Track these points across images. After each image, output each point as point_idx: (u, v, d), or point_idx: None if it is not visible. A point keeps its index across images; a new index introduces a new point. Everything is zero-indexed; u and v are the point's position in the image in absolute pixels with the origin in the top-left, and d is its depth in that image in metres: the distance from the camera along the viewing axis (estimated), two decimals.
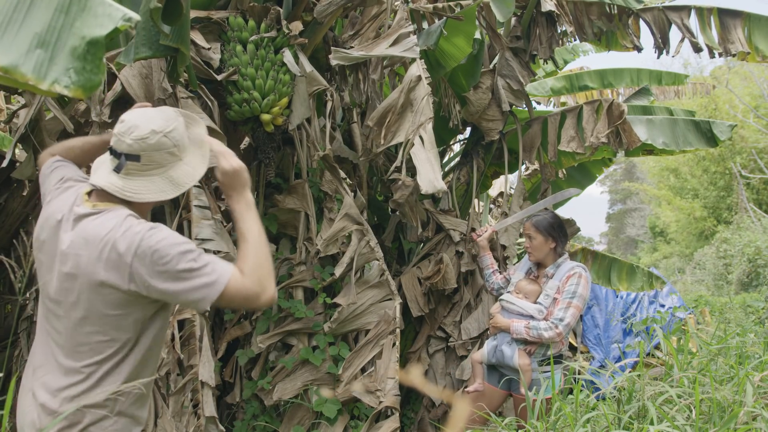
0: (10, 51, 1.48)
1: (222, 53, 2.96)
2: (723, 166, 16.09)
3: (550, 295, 2.95)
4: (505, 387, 3.02)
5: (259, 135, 3.15)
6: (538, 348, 2.91)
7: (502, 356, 2.95)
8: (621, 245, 30.72)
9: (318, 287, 3.27)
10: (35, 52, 1.50)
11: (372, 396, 2.96)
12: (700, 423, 1.66)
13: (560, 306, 2.88)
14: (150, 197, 1.53)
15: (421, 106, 2.89)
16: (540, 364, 2.91)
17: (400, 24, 3.06)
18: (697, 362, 2.15)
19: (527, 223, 3.14)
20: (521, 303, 2.99)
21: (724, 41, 4.16)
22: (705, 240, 16.70)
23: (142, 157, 1.50)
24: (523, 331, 2.88)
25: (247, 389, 3.25)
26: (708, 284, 12.03)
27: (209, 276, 1.42)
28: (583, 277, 2.93)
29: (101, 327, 1.48)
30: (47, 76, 1.50)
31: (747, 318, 5.91)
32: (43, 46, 1.51)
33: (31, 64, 1.49)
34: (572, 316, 2.85)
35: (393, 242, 4.43)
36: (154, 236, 1.43)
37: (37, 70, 1.49)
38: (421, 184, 2.71)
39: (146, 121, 1.51)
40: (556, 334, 2.83)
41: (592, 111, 4.10)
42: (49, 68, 1.50)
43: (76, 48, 1.54)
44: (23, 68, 1.48)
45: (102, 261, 1.44)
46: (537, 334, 2.85)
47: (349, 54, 2.98)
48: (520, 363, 2.87)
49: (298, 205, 3.37)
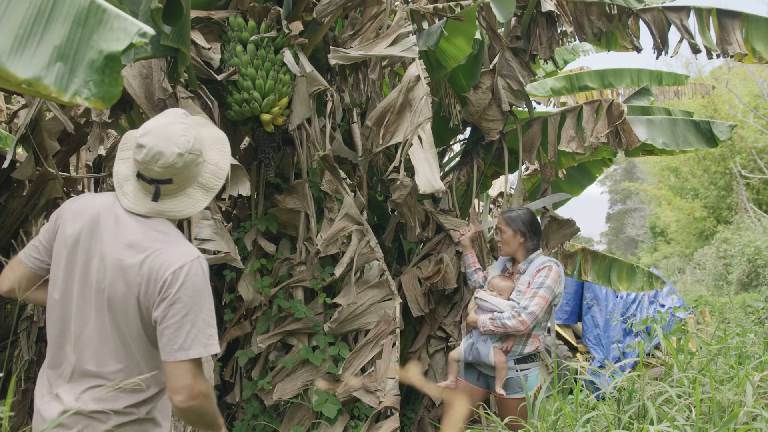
0: (32, 64, 1.54)
1: (222, 53, 2.96)
2: (723, 166, 16.09)
3: (521, 290, 2.96)
4: (484, 385, 3.04)
5: (259, 135, 3.15)
6: (515, 346, 2.91)
7: (478, 354, 2.97)
8: (621, 245, 30.73)
9: (318, 287, 3.27)
10: (56, 65, 1.56)
11: (372, 396, 2.96)
12: (700, 423, 1.66)
13: (527, 296, 2.90)
14: (189, 212, 1.58)
15: (420, 106, 2.89)
16: (516, 362, 2.91)
17: (399, 24, 3.06)
18: (696, 362, 2.15)
19: (499, 217, 3.18)
20: (494, 300, 3.00)
21: (722, 42, 4.17)
22: (705, 240, 16.70)
23: (174, 179, 1.54)
24: (489, 323, 2.90)
25: (247, 389, 3.25)
26: (708, 284, 12.03)
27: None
28: (553, 270, 2.94)
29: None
30: (68, 89, 1.54)
31: (747, 318, 5.91)
32: (63, 59, 1.57)
33: (52, 76, 1.54)
34: (537, 306, 2.84)
35: (393, 242, 4.43)
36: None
37: (59, 83, 1.54)
38: (420, 184, 2.71)
39: (168, 145, 1.52)
40: (518, 321, 2.83)
41: (592, 111, 4.10)
42: (69, 81, 1.55)
43: (95, 61, 1.60)
44: (46, 81, 1.53)
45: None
46: (501, 323, 2.86)
47: (348, 54, 2.98)
48: (495, 360, 2.89)
49: (298, 205, 3.37)
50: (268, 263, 3.37)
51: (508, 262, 3.22)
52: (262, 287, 3.28)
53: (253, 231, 3.36)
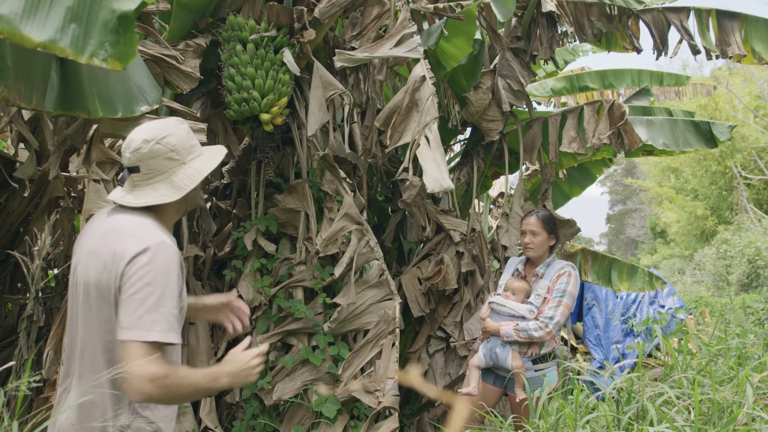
0: (46, 26, 1.55)
1: (221, 52, 2.97)
2: (723, 166, 16.07)
3: (541, 294, 2.95)
4: (500, 385, 3.03)
5: (259, 134, 3.15)
6: (533, 349, 2.92)
7: (497, 358, 2.95)
8: (621, 246, 30.71)
9: (318, 287, 3.27)
10: (70, 26, 1.58)
11: (371, 396, 2.96)
12: (699, 424, 1.65)
13: (551, 305, 2.90)
14: (150, 201, 1.56)
15: (426, 106, 2.91)
16: (534, 363, 2.92)
17: (404, 24, 3.07)
18: (696, 363, 2.15)
19: (531, 218, 3.09)
20: (511, 304, 2.98)
21: (721, 43, 4.17)
22: (705, 241, 16.68)
23: (141, 167, 1.55)
24: (513, 333, 2.89)
25: (247, 389, 3.25)
26: (708, 285, 12.02)
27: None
28: (572, 275, 2.96)
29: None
30: (85, 50, 1.57)
31: (747, 319, 5.91)
32: (77, 21, 1.59)
33: (68, 39, 1.57)
34: (562, 315, 2.87)
35: (393, 242, 4.43)
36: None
37: (75, 44, 1.56)
38: (428, 184, 2.74)
39: (140, 133, 1.56)
40: (546, 333, 2.85)
41: (593, 112, 4.10)
42: (85, 42, 1.57)
43: (108, 22, 1.62)
44: (62, 43, 1.56)
45: None
46: (527, 335, 2.86)
47: (354, 56, 2.98)
48: (513, 365, 2.88)
49: (298, 205, 3.37)
50: (268, 263, 3.38)
51: (519, 264, 3.18)
52: (262, 287, 3.28)
53: (253, 231, 3.36)
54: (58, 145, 2.84)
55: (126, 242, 1.47)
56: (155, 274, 1.44)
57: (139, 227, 1.52)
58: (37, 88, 1.99)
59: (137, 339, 1.39)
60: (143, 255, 1.44)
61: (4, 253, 3.54)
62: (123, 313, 1.42)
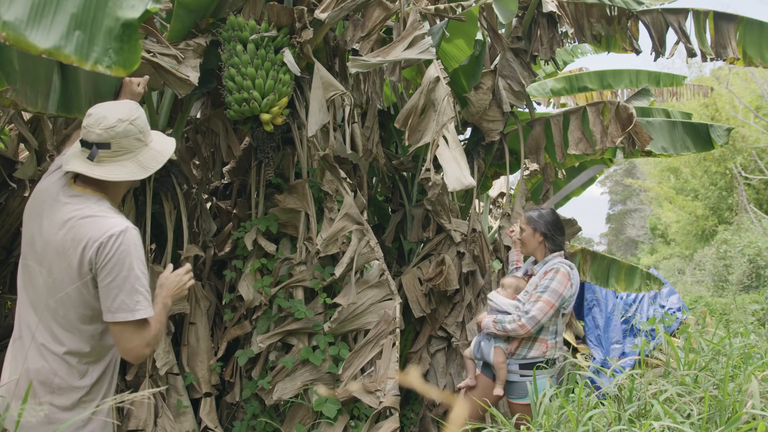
0: (51, 33, 1.56)
1: (222, 52, 2.97)
2: (723, 166, 16.07)
3: (529, 291, 2.91)
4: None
5: (259, 135, 3.15)
6: (520, 349, 2.87)
7: (482, 352, 2.97)
8: (621, 246, 30.70)
9: (318, 287, 3.26)
10: (75, 33, 1.60)
11: (372, 396, 2.95)
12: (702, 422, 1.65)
13: (530, 299, 2.85)
14: (122, 177, 1.67)
15: (443, 106, 2.94)
16: (521, 368, 2.87)
17: (414, 26, 3.07)
18: (698, 361, 2.15)
19: (522, 215, 3.17)
20: (498, 299, 2.99)
21: (717, 46, 4.19)
22: (705, 241, 16.68)
23: (112, 144, 1.63)
24: (491, 325, 2.89)
25: (247, 389, 3.24)
26: (708, 285, 12.01)
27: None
28: (560, 272, 2.84)
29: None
30: (89, 57, 1.60)
31: (747, 319, 5.90)
32: (81, 28, 1.61)
33: (72, 46, 1.59)
34: (539, 310, 2.77)
35: (393, 242, 4.43)
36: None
37: (79, 51, 1.58)
38: (449, 183, 2.78)
39: (112, 112, 1.64)
40: (518, 326, 2.78)
41: (597, 113, 4.08)
42: (90, 49, 1.60)
43: (112, 29, 1.64)
44: (66, 50, 1.58)
45: None
46: (501, 327, 2.84)
47: (368, 61, 2.97)
48: (494, 360, 2.87)
49: (298, 205, 3.37)
50: (268, 263, 3.37)
51: (529, 263, 3.17)
52: (262, 287, 3.27)
53: (253, 231, 3.35)
54: (58, 145, 2.84)
55: (92, 229, 1.60)
56: (128, 258, 1.60)
57: (101, 213, 1.65)
58: (41, 91, 2.02)
59: (126, 320, 1.61)
60: (112, 241, 1.58)
61: (4, 253, 3.53)
62: (107, 299, 1.61)
